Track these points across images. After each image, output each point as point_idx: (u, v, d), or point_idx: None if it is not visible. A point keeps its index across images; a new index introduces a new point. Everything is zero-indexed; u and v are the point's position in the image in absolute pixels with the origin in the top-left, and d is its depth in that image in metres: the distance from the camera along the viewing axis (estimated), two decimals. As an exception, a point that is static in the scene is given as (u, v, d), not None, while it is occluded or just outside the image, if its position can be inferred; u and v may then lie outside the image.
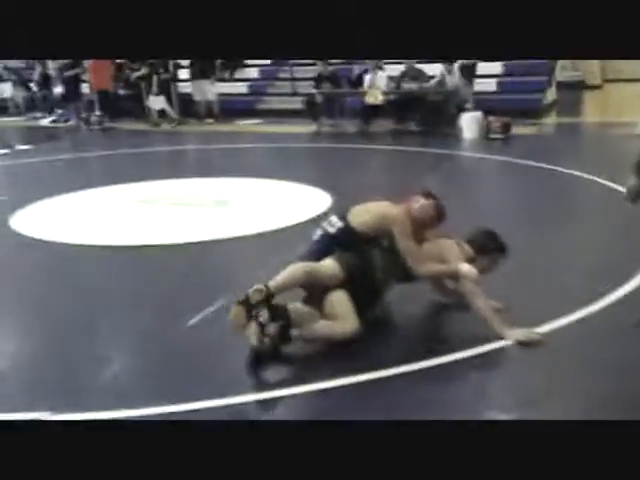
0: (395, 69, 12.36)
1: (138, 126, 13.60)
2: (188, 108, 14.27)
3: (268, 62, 15.68)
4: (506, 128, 10.39)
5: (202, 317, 3.95)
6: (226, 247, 5.70)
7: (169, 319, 4.06)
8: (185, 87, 14.53)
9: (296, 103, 13.65)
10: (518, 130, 10.72)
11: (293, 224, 6.18)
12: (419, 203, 3.78)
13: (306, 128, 12.29)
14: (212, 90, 13.97)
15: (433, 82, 11.58)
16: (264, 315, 3.26)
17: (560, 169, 7.94)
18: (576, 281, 4.57)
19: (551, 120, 12.44)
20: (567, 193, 7.30)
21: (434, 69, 11.84)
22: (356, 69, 13.23)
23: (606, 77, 18.38)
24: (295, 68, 14.88)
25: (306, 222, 6.23)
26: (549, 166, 8.11)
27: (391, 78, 11.99)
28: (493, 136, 10.32)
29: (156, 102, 13.59)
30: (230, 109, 14.27)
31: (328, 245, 3.67)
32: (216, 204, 7.06)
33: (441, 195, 3.98)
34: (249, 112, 14.40)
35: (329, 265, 3.52)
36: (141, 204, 7.15)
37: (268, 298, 3.29)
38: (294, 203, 7.14)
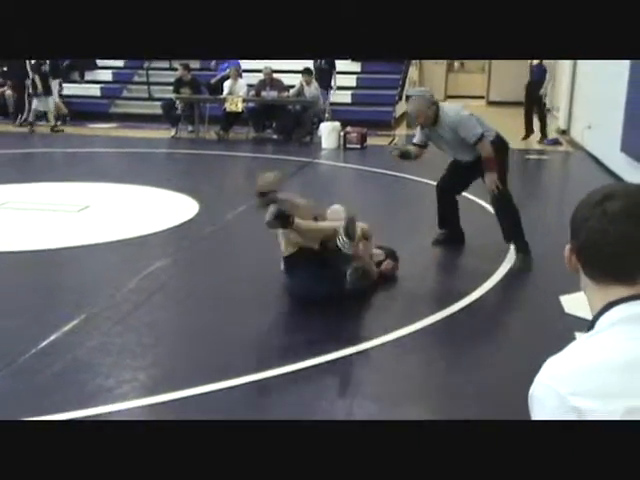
0: (254, 77, 12.48)
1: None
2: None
3: (121, 65, 15.25)
4: (362, 139, 10.84)
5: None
6: (86, 254, 5.52)
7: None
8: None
9: (152, 108, 13.38)
10: (372, 141, 11.23)
11: (161, 230, 6.12)
12: None
13: (163, 133, 12.10)
14: (60, 91, 13.42)
15: (292, 92, 11.81)
16: None
17: (406, 175, 8.50)
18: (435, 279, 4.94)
19: (402, 132, 13.09)
20: (413, 196, 7.96)
21: (293, 79, 12.09)
22: (213, 76, 13.20)
23: (448, 93, 19.68)
24: (151, 72, 14.59)
25: (175, 227, 6.21)
26: (397, 173, 8.66)
27: (250, 86, 12.08)
28: (350, 146, 10.73)
29: None
30: (81, 112, 13.72)
31: None
32: (76, 209, 6.81)
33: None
34: (102, 115, 13.92)
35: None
36: (-6, 209, 6.76)
37: None
38: (159, 209, 7.04)
